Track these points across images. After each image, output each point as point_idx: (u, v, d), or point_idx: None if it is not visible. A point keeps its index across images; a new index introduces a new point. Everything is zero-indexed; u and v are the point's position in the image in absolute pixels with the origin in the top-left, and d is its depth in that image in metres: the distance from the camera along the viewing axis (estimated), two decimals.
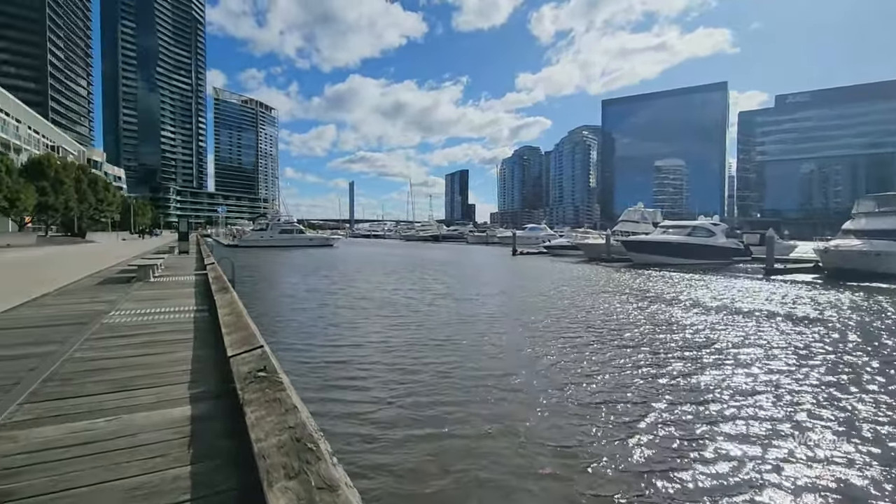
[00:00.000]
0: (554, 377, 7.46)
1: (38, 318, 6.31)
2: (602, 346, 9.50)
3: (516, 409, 6.15)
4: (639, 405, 6.32)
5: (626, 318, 12.64)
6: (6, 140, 47.08)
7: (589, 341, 9.91)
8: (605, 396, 6.62)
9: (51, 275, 12.53)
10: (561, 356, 8.69)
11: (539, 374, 7.60)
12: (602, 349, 9.28)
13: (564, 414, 5.94)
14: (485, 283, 21.55)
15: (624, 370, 7.90)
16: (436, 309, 14.01)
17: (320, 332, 10.64)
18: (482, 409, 6.06)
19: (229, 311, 5.74)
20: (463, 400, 6.39)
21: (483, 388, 6.90)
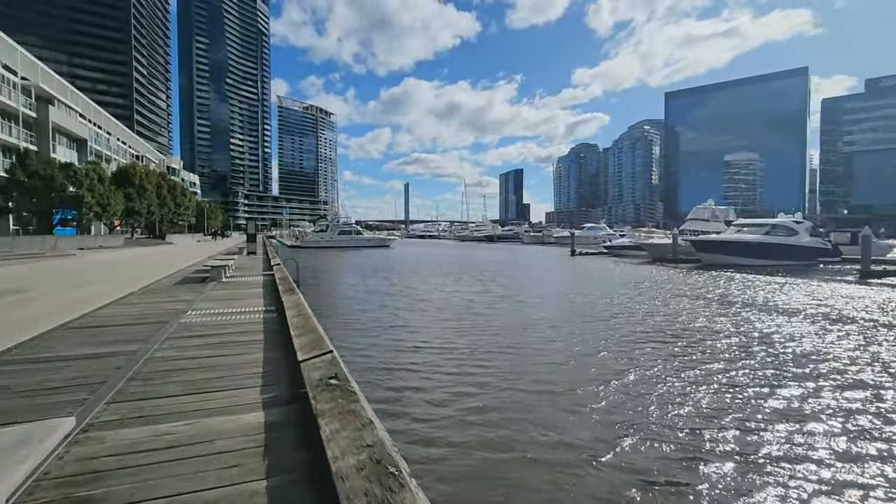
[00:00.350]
0: (633, 394, 6.74)
1: (125, 317, 6.70)
2: (686, 360, 8.56)
3: (592, 428, 5.69)
4: (734, 432, 5.54)
5: (709, 327, 11.55)
6: (100, 151, 51.87)
7: (670, 354, 9.05)
8: (696, 422, 5.82)
9: (136, 275, 13.49)
10: (638, 369, 7.93)
11: (615, 389, 6.96)
12: (686, 363, 8.36)
13: (649, 439, 5.34)
14: (544, 285, 20.98)
15: (714, 389, 6.99)
16: (496, 312, 13.71)
17: (381, 334, 10.60)
18: (555, 428, 5.61)
19: (297, 312, 5.79)
20: (534, 416, 5.92)
21: (555, 402, 6.44)
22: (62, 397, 3.42)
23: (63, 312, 6.93)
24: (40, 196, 31.43)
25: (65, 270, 15.17)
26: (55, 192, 31.70)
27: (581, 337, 10.41)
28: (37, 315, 6.89)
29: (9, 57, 35.33)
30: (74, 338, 5.35)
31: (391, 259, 40.70)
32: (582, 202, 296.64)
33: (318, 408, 2.70)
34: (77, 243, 30.49)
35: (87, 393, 3.49)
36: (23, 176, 30.10)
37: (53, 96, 41.18)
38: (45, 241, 27.79)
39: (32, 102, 37.98)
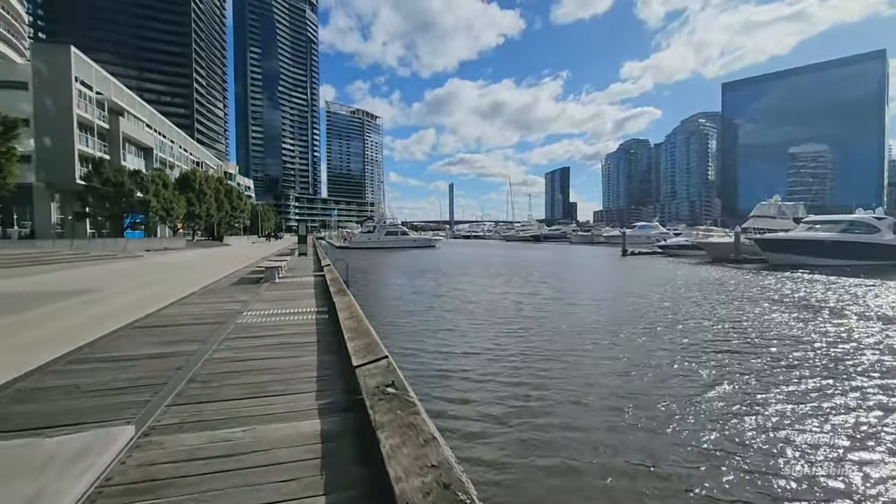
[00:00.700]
0: (719, 415, 6.02)
1: (186, 317, 6.91)
2: (765, 372, 7.72)
3: (661, 446, 5.21)
4: (852, 474, 4.87)
5: (790, 333, 10.56)
6: (164, 158, 55.24)
7: (756, 368, 8.03)
8: (806, 455, 5.08)
9: (197, 275, 14.11)
10: (720, 385, 7.14)
11: (686, 402, 6.41)
12: (765, 375, 7.55)
13: (751, 471, 4.74)
14: (597, 286, 20.23)
15: (818, 414, 6.07)
16: (549, 315, 13.26)
17: (430, 338, 10.41)
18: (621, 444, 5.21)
19: (349, 314, 5.74)
20: (604, 438, 5.43)
21: (628, 420, 5.92)
22: (127, 398, 3.47)
23: (130, 312, 7.25)
24: (112, 201, 33.76)
25: (133, 271, 16.11)
26: (125, 198, 33.95)
27: (646, 344, 9.78)
28: (107, 314, 7.24)
29: (85, 74, 38.20)
30: (139, 337, 5.53)
31: (437, 259, 40.76)
32: (632, 200, 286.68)
33: (377, 419, 2.55)
34: (144, 245, 32.51)
35: (150, 394, 3.53)
36: (97, 183, 32.43)
37: (124, 108, 44.19)
38: (117, 244, 29.81)
39: (105, 115, 40.90)
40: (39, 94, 33.73)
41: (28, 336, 5.71)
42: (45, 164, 33.90)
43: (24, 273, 14.96)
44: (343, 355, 4.47)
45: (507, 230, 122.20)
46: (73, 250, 24.36)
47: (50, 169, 34.01)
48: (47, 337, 5.64)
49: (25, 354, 4.72)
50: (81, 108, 36.23)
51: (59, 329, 6.10)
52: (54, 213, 36.01)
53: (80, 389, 3.68)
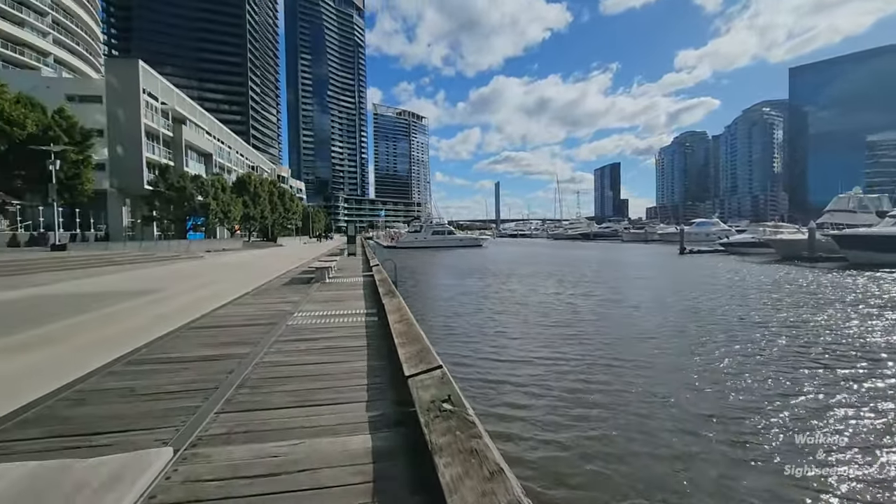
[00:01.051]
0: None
1: (239, 318, 6.97)
2: (878, 394, 6.60)
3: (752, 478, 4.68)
4: None
5: None
6: (222, 164, 58.12)
7: (856, 388, 6.88)
8: None
9: (251, 275, 14.52)
10: (808, 402, 6.33)
11: (778, 427, 5.68)
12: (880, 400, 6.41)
13: None
14: (656, 287, 19.15)
15: None
16: (607, 319, 12.53)
17: (482, 342, 9.98)
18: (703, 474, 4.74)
19: (399, 317, 5.54)
20: (677, 458, 4.94)
21: (699, 441, 5.31)
22: (178, 403, 3.40)
23: (188, 312, 7.42)
24: (176, 205, 35.79)
25: (193, 272, 16.84)
26: (187, 201, 35.89)
27: (721, 353, 8.89)
28: (166, 314, 7.45)
29: (152, 86, 40.75)
30: (194, 338, 5.58)
31: (485, 259, 40.37)
32: (688, 195, 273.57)
33: (434, 441, 2.28)
34: (205, 246, 34.24)
35: (200, 399, 3.46)
36: (163, 187, 34.48)
37: (186, 117, 46.82)
38: (180, 245, 31.55)
39: (169, 124, 43.50)
40: (112, 106, 36.27)
41: (93, 336, 5.91)
42: (118, 171, 36.43)
43: (97, 273, 15.98)
44: (393, 361, 4.25)
45: (554, 228, 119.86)
46: (141, 251, 25.96)
47: (121, 175, 36.53)
48: (110, 337, 5.80)
49: (89, 355, 4.84)
50: (148, 118, 38.65)
51: (121, 330, 6.29)
52: (125, 217, 38.66)
53: (134, 393, 3.66)
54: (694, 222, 71.51)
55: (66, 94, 36.60)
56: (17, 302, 9.08)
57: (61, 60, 60.92)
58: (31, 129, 23.87)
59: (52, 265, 17.67)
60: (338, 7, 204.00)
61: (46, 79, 37.62)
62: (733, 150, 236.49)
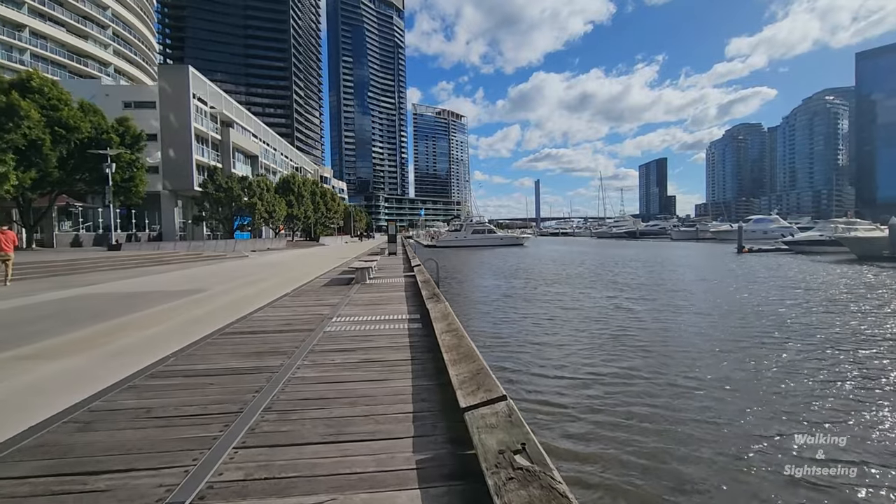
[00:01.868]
0: None
1: (275, 322, 6.56)
2: None
3: None
4: None
5: None
6: (268, 165, 59.66)
7: None
8: None
9: (292, 275, 14.35)
10: None
11: None
12: None
13: None
14: (723, 292, 17.57)
15: None
16: (674, 329, 11.20)
17: (535, 355, 8.99)
18: None
19: (446, 326, 4.91)
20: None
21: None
22: (196, 431, 2.90)
23: (224, 314, 7.10)
24: (223, 205, 36.79)
25: (237, 271, 16.91)
26: (234, 202, 36.82)
27: (829, 378, 7.44)
28: (202, 317, 7.15)
29: (201, 90, 42.17)
30: (226, 345, 5.16)
31: (527, 258, 39.30)
32: (741, 191, 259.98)
33: None
34: (251, 246, 35.00)
35: (220, 426, 2.94)
36: (211, 189, 35.50)
37: (233, 120, 48.24)
38: (227, 245, 32.34)
39: (217, 127, 44.92)
40: (164, 110, 37.71)
41: (122, 342, 5.61)
42: (170, 174, 37.86)
43: (145, 273, 16.30)
44: (443, 382, 3.63)
45: (598, 227, 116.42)
46: (189, 251, 26.69)
47: (173, 177, 37.94)
48: (138, 344, 5.48)
49: (112, 365, 4.49)
50: (198, 122, 39.96)
51: (153, 335, 5.99)
52: (177, 218, 40.15)
53: (149, 414, 3.20)
54: (751, 219, 67.22)
55: (123, 100, 38.37)
56: (63, 301, 9.11)
57: (121, 70, 64.42)
58: (88, 133, 24.94)
59: (105, 265, 18.25)
60: (378, 9, 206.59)
61: (105, 87, 39.58)
62: (792, 142, 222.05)
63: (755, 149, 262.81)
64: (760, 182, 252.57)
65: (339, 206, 70.13)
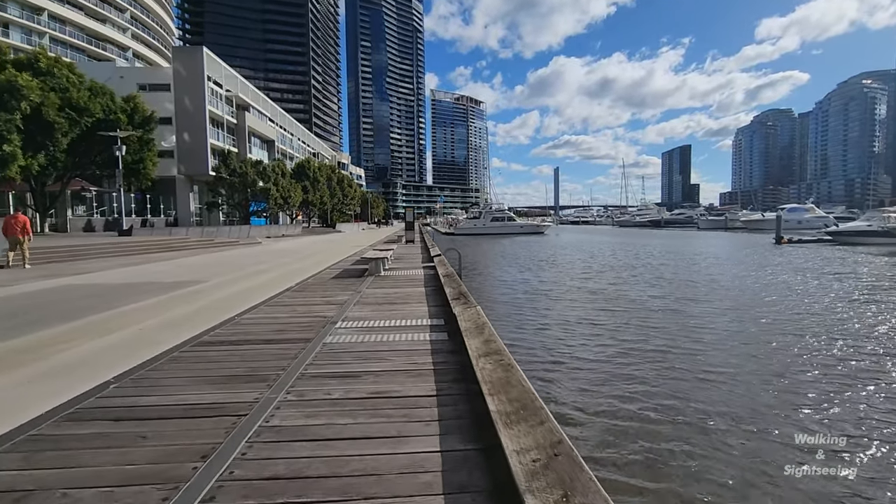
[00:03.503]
0: None
1: (267, 327, 5.34)
2: None
3: None
4: None
5: None
6: (284, 150, 58.84)
7: None
8: None
9: (302, 265, 13.21)
10: None
11: None
12: None
13: None
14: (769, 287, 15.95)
15: None
16: (724, 327, 9.90)
17: (579, 366, 7.64)
18: None
19: (483, 345, 3.60)
20: None
21: None
22: None
23: (210, 314, 5.95)
24: (237, 190, 35.99)
25: (245, 259, 15.89)
26: (248, 187, 35.98)
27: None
28: (186, 317, 6.01)
29: (216, 72, 41.23)
30: (192, 364, 3.95)
31: (549, 248, 37.70)
32: (768, 180, 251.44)
33: None
34: (265, 232, 34.18)
35: None
36: (225, 173, 34.69)
37: (249, 104, 47.32)
38: (241, 231, 31.54)
39: (233, 110, 44.04)
40: (178, 93, 36.87)
41: (66, 355, 4.46)
42: (184, 158, 37.15)
43: (149, 260, 15.38)
44: (488, 445, 2.36)
45: (620, 215, 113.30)
46: (201, 237, 25.89)
47: (188, 162, 37.23)
48: (85, 359, 4.33)
49: (31, 394, 3.32)
50: (213, 105, 39.08)
51: (108, 347, 4.83)
52: (192, 203, 39.55)
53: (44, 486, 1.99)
54: (784, 208, 63.98)
55: (138, 83, 37.64)
56: (35, 295, 8.10)
57: (139, 54, 64.09)
58: (99, 114, 24.15)
59: (111, 251, 17.43)
60: None
61: (120, 69, 38.94)
62: (825, 128, 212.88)
63: (785, 135, 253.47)
64: (790, 170, 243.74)
65: (356, 192, 69.10)
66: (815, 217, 56.89)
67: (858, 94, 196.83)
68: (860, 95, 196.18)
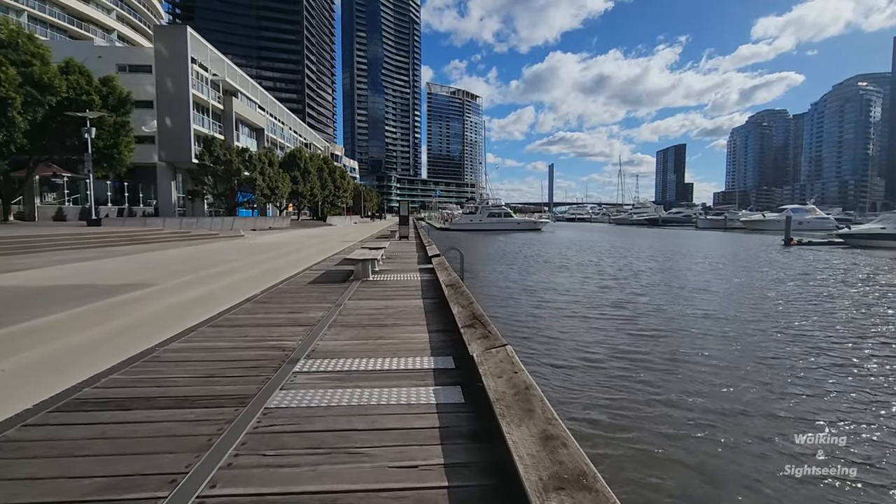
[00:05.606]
0: None
1: (195, 369, 3.63)
2: None
3: None
4: None
5: None
6: (274, 139, 56.67)
7: None
8: None
9: (279, 263, 11.49)
10: None
11: None
12: None
13: None
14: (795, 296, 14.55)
15: None
16: (754, 335, 8.51)
17: (609, 393, 6.29)
18: None
19: (538, 442, 1.92)
20: None
21: None
22: None
23: (129, 341, 4.24)
24: (221, 179, 33.98)
25: (215, 256, 14.10)
26: (233, 176, 33.97)
27: None
28: (89, 346, 4.29)
29: (201, 55, 39.04)
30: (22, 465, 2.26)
31: (550, 245, 36.16)
32: (762, 180, 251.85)
33: None
34: (251, 224, 32.30)
35: None
36: (208, 161, 32.65)
37: (237, 89, 45.12)
38: (224, 223, 29.63)
39: (220, 95, 41.86)
40: (160, 75, 34.71)
41: None
42: (166, 144, 35.04)
43: (108, 254, 13.55)
44: None
45: (616, 213, 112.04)
46: (177, 229, 23.97)
47: (170, 148, 35.12)
48: None
49: None
50: (197, 89, 36.96)
51: None
52: (174, 192, 37.45)
53: None
54: (785, 208, 63.04)
55: (118, 63, 35.40)
56: None
57: (124, 36, 61.33)
58: (66, 93, 22.10)
59: (70, 243, 15.57)
60: None
61: (98, 48, 36.65)
62: (819, 130, 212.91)
63: (780, 136, 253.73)
64: (784, 171, 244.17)
65: (348, 184, 67.00)
66: (817, 218, 55.98)
67: (854, 96, 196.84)
68: (856, 97, 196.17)
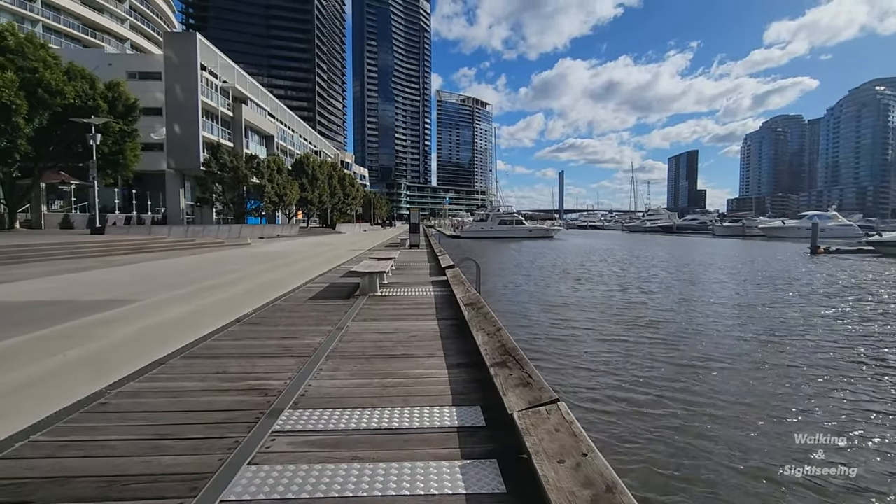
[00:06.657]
0: None
1: (143, 431, 2.78)
2: None
3: None
4: None
5: None
6: (284, 147, 56.44)
7: None
8: None
9: (279, 275, 10.70)
10: None
11: None
12: None
13: None
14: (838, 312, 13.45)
15: None
16: (802, 353, 7.48)
17: (670, 449, 5.28)
18: None
19: None
20: None
21: None
22: None
23: (75, 381, 3.41)
24: (229, 186, 33.52)
25: (217, 266, 13.37)
26: (241, 183, 33.50)
27: None
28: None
29: (210, 62, 38.86)
30: None
31: (562, 253, 35.11)
32: (777, 187, 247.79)
33: None
34: (258, 232, 31.73)
35: None
36: (215, 167, 32.21)
37: (246, 96, 44.88)
38: (231, 230, 29.06)
39: (229, 102, 41.60)
40: (170, 82, 34.48)
41: None
42: (175, 151, 34.73)
43: (102, 264, 12.87)
44: None
45: (629, 220, 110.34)
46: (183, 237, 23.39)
47: (179, 156, 34.80)
48: None
49: None
50: (206, 95, 36.69)
51: None
52: (183, 199, 37.09)
53: None
54: (805, 215, 61.25)
55: (128, 70, 35.34)
56: None
57: (137, 46, 61.86)
58: (72, 98, 21.73)
59: (67, 252, 14.96)
60: None
61: (109, 55, 36.64)
62: (836, 135, 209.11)
63: (795, 142, 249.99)
64: (799, 177, 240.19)
65: (357, 191, 66.58)
66: (840, 225, 54.21)
67: (871, 101, 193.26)
68: (873, 102, 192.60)
